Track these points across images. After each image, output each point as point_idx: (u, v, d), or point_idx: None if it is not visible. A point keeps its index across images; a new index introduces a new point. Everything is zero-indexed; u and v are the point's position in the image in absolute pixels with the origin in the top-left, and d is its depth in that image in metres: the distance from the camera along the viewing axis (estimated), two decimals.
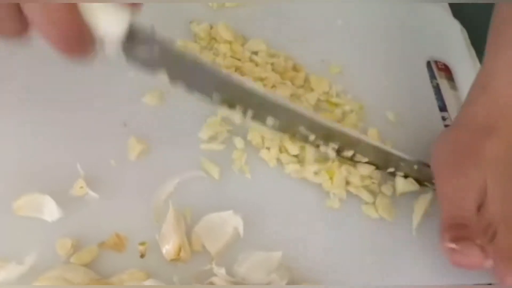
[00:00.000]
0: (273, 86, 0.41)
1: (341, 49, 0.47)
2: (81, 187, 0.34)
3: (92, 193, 0.34)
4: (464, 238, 0.31)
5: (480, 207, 0.33)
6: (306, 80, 0.44)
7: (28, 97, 0.38)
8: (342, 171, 0.38)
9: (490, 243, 0.32)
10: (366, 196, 0.38)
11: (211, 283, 0.32)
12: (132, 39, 0.28)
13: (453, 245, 0.31)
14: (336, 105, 0.43)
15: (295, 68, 0.44)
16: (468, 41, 0.53)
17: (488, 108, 0.35)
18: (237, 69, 0.42)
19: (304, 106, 0.41)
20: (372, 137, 0.41)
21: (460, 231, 0.31)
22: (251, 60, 0.43)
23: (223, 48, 0.42)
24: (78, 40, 0.25)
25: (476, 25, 0.54)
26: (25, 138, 0.36)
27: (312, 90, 0.43)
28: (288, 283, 0.33)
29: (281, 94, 0.41)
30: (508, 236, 0.31)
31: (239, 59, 0.42)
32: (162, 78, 0.32)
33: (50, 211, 0.33)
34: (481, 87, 0.36)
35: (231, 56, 0.42)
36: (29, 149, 0.36)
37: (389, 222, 0.38)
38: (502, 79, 0.35)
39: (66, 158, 0.35)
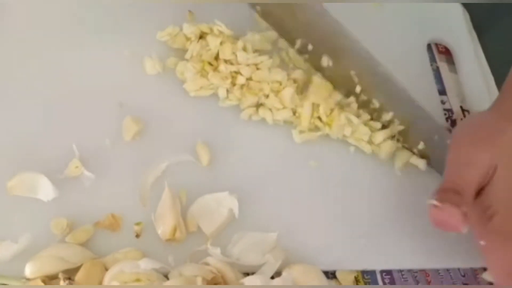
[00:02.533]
0: None
1: None
2: (77, 167, 0.34)
3: (87, 173, 0.34)
4: (450, 201, 0.31)
5: (483, 188, 0.33)
6: None
7: (23, 77, 0.38)
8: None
9: (487, 224, 0.32)
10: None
11: (206, 263, 0.32)
12: None
13: (435, 203, 0.31)
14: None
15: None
16: (470, 24, 0.53)
17: None
18: None
19: None
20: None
21: (451, 195, 0.32)
22: None
23: None
24: None
25: (478, 8, 0.53)
26: (20, 118, 0.36)
27: None
28: (282, 264, 0.33)
29: None
30: (508, 221, 0.32)
31: None
32: None
33: (45, 190, 0.33)
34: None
35: None
36: (24, 129, 0.35)
37: (390, 206, 0.38)
38: None
39: (61, 138, 0.35)
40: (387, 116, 0.39)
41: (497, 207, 0.32)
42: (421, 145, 0.40)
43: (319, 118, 0.39)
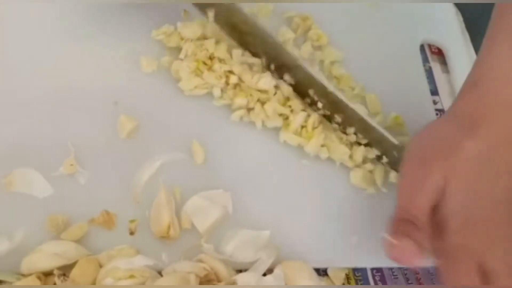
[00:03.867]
0: None
1: (334, 31, 0.47)
2: (72, 165, 0.35)
3: (82, 171, 0.35)
4: (403, 233, 0.30)
5: (436, 204, 0.31)
6: None
7: (19, 75, 0.38)
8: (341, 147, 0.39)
9: (439, 240, 0.31)
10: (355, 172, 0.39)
11: (200, 260, 0.32)
12: None
13: (388, 238, 0.30)
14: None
15: None
16: (463, 24, 0.53)
17: (476, 104, 0.33)
18: None
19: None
20: (372, 104, 0.43)
21: (404, 226, 0.31)
22: None
23: None
24: None
25: (471, 8, 0.54)
26: (15, 115, 0.36)
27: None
28: (275, 261, 0.33)
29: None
30: (458, 237, 0.30)
31: None
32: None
33: (41, 187, 0.34)
34: (472, 82, 0.34)
35: None
36: (19, 126, 0.36)
37: (377, 198, 0.39)
38: (493, 76, 0.33)
39: (56, 136, 0.36)
40: (350, 130, 0.39)
41: (450, 223, 0.31)
42: (384, 159, 0.39)
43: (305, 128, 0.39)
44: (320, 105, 0.39)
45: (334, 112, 0.39)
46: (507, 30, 0.34)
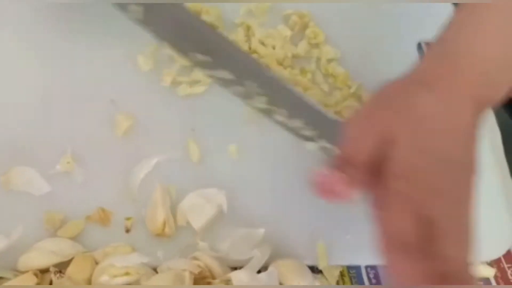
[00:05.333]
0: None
1: (331, 29, 0.47)
2: (68, 163, 0.35)
3: (79, 169, 0.35)
4: (338, 169, 0.29)
5: (378, 152, 0.30)
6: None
7: (16, 74, 0.38)
8: None
9: (377, 187, 0.29)
10: None
11: (195, 258, 0.33)
12: None
13: (321, 170, 0.30)
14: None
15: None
16: None
17: (438, 62, 0.31)
18: None
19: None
20: None
21: (340, 164, 0.30)
22: None
23: None
24: None
25: None
26: (12, 114, 0.36)
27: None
28: (269, 259, 0.34)
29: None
30: (398, 184, 0.28)
31: None
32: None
33: (37, 185, 0.34)
34: (440, 40, 0.33)
35: None
36: (16, 125, 0.36)
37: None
38: (463, 33, 0.31)
39: (53, 134, 0.36)
40: (297, 123, 0.35)
41: (393, 170, 0.29)
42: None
43: None
44: (263, 99, 0.35)
45: (279, 106, 0.35)
46: None
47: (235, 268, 0.33)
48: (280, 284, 0.33)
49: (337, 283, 0.36)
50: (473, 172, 0.30)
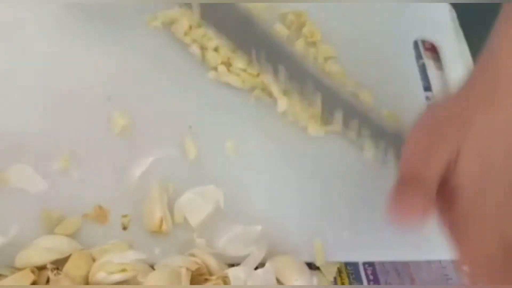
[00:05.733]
0: None
1: (327, 27, 0.47)
2: (65, 160, 0.35)
3: (76, 166, 0.35)
4: (411, 192, 0.29)
5: (446, 171, 0.30)
6: None
7: (11, 71, 0.38)
8: None
9: (449, 211, 0.30)
10: None
11: (192, 255, 0.33)
12: None
13: (395, 194, 0.29)
14: None
15: None
16: (457, 21, 0.53)
17: (490, 76, 0.32)
18: None
19: None
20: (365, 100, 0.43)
21: (412, 184, 0.30)
22: None
23: None
24: None
25: (465, 5, 0.54)
26: (9, 112, 0.36)
27: None
28: (267, 256, 0.34)
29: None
30: (474, 206, 0.29)
31: None
32: None
33: (35, 183, 0.34)
34: (488, 54, 0.33)
35: None
36: (13, 122, 0.36)
37: (373, 199, 0.39)
38: (508, 52, 0.31)
39: (50, 132, 0.36)
40: (353, 124, 0.39)
41: (464, 192, 0.29)
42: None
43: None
44: (319, 100, 0.38)
45: (335, 107, 0.38)
46: None
47: (232, 265, 0.33)
48: (277, 280, 0.33)
49: (335, 279, 0.36)
50: None
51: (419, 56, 0.50)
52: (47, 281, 0.30)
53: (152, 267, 0.32)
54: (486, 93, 0.31)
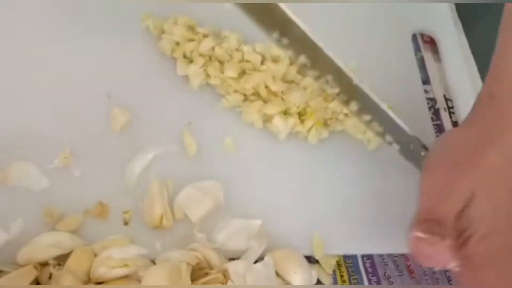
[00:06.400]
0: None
1: (326, 20, 0.47)
2: (66, 158, 0.35)
3: (77, 163, 0.35)
4: (434, 233, 0.30)
5: (461, 212, 0.31)
6: None
7: (12, 69, 0.38)
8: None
9: (461, 248, 0.31)
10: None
11: (193, 249, 0.33)
12: None
13: (420, 234, 0.30)
14: None
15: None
16: (456, 14, 0.53)
17: (494, 117, 0.33)
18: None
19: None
20: None
21: (433, 226, 0.30)
22: None
23: None
24: None
25: None
26: (10, 109, 0.37)
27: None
28: (266, 250, 0.34)
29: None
30: (482, 246, 0.31)
31: None
32: None
33: (36, 180, 0.34)
34: (489, 95, 0.34)
35: None
36: (14, 120, 0.36)
37: (372, 192, 0.39)
38: (510, 88, 0.33)
39: (51, 129, 0.36)
40: (366, 117, 0.39)
41: (473, 231, 0.31)
42: (395, 146, 0.39)
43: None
44: (336, 90, 0.38)
45: (351, 99, 0.38)
46: None
47: (232, 259, 0.34)
48: (277, 274, 0.33)
49: (334, 272, 0.36)
50: None
51: (417, 49, 0.50)
52: (50, 277, 0.30)
53: (153, 262, 0.33)
54: (493, 132, 0.32)
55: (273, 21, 0.35)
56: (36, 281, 0.31)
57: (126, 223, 0.34)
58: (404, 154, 0.39)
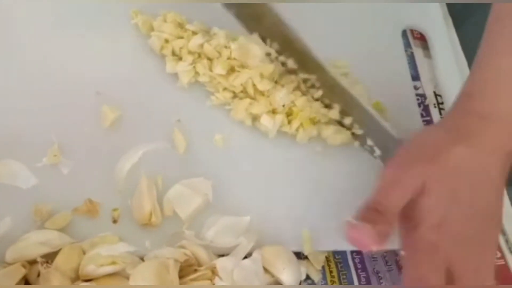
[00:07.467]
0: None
1: (316, 17, 0.47)
2: (55, 155, 0.35)
3: (66, 161, 0.35)
4: (366, 219, 0.31)
5: (413, 202, 0.32)
6: None
7: (3, 66, 0.38)
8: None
9: (409, 234, 0.32)
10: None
11: (182, 246, 0.33)
12: None
13: (351, 220, 0.31)
14: None
15: None
16: (446, 10, 0.54)
17: (468, 117, 0.34)
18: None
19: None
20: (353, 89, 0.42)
21: (372, 214, 0.31)
22: None
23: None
24: None
25: None
26: None
27: None
28: (255, 246, 0.34)
29: None
30: (430, 234, 0.31)
31: None
32: None
33: (25, 178, 0.34)
34: (467, 93, 0.35)
35: None
36: (2, 118, 0.36)
37: (360, 189, 0.39)
38: (488, 89, 0.34)
39: (40, 127, 0.36)
40: (347, 120, 0.40)
41: (425, 220, 0.32)
42: (377, 152, 0.40)
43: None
44: (320, 93, 0.40)
45: (334, 101, 0.40)
46: (506, 39, 0.34)
47: (222, 255, 0.34)
48: (265, 270, 0.33)
49: (323, 268, 0.37)
50: (499, 225, 0.33)
51: (407, 45, 0.50)
52: (38, 275, 0.31)
53: (142, 259, 0.33)
54: (463, 131, 0.33)
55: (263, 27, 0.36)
56: (25, 279, 0.31)
57: (115, 221, 0.34)
58: (384, 160, 0.40)
